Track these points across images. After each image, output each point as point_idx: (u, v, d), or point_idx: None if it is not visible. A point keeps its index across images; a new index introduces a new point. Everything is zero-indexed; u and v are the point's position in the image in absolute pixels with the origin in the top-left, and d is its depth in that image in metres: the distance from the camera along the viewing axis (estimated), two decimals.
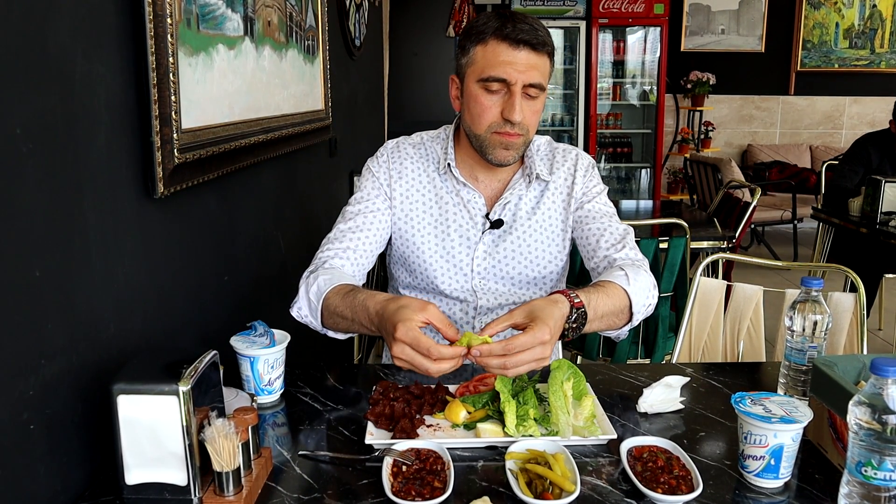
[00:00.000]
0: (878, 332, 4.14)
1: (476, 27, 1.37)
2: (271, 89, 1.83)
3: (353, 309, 1.23)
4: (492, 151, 1.40)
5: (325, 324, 1.32)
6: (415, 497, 0.93)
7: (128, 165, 1.13)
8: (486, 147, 1.40)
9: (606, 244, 1.44)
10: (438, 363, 1.05)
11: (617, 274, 1.33)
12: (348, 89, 3.24)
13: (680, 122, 6.99)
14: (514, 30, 1.32)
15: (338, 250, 1.42)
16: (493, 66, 1.33)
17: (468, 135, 1.43)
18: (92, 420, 1.01)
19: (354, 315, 1.23)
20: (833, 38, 6.88)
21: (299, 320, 1.35)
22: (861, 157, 3.64)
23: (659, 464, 1.01)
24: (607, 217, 1.49)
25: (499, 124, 1.37)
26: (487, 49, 1.34)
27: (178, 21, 1.23)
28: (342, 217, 1.48)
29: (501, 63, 1.33)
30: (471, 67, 1.38)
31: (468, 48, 1.38)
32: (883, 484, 0.85)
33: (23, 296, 0.87)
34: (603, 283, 1.31)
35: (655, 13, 6.34)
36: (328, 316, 1.30)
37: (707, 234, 3.14)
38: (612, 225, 1.47)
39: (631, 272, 1.33)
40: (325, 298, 1.28)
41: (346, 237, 1.44)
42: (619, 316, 1.31)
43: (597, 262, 1.45)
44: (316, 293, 1.30)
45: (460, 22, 5.74)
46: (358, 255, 1.43)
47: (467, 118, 1.42)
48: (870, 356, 1.06)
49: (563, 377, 1.15)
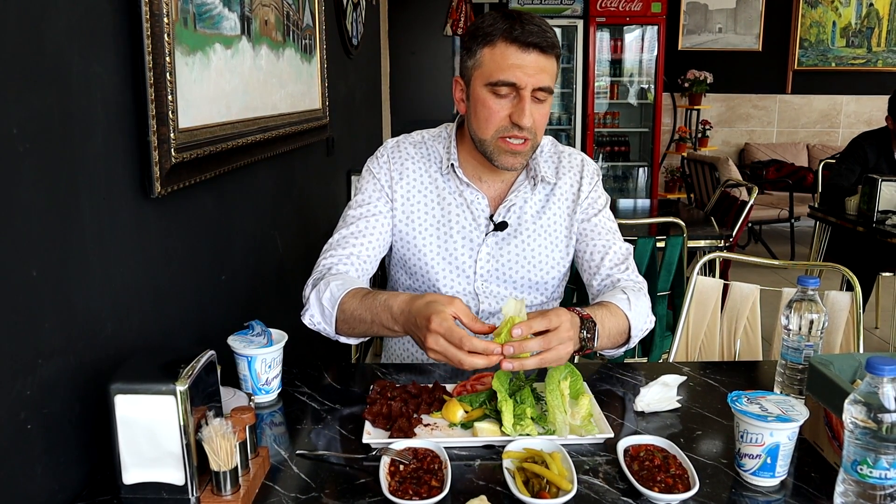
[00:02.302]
0: (875, 330, 4.15)
1: (482, 28, 1.33)
2: (268, 88, 1.83)
3: (374, 310, 1.23)
4: (498, 158, 1.38)
5: (338, 330, 1.31)
6: (412, 496, 0.94)
7: (125, 165, 1.13)
8: (493, 153, 1.37)
9: (610, 263, 1.47)
10: (472, 357, 1.07)
11: (619, 297, 1.36)
12: (346, 88, 3.23)
13: (677, 121, 6.99)
14: (523, 32, 1.28)
15: (341, 256, 1.40)
16: (501, 70, 1.30)
17: (474, 139, 1.40)
18: (89, 420, 1.01)
19: (375, 316, 1.23)
20: (830, 37, 6.89)
21: (311, 328, 1.34)
22: (858, 156, 3.65)
23: (656, 462, 1.01)
24: (612, 234, 1.51)
25: (506, 128, 1.34)
26: (496, 51, 1.30)
27: (175, 20, 1.22)
28: (343, 221, 1.46)
29: (511, 66, 1.29)
30: (478, 70, 1.34)
31: (474, 50, 1.34)
32: (878, 482, 0.85)
33: (20, 295, 0.87)
34: (607, 303, 1.34)
35: (653, 12, 6.35)
36: (343, 321, 1.29)
37: (704, 232, 3.15)
38: (615, 243, 1.49)
39: (633, 297, 1.37)
40: (341, 303, 1.28)
41: (348, 243, 1.42)
42: (621, 336, 1.35)
43: (600, 279, 1.47)
44: (330, 299, 1.29)
45: (458, 20, 5.73)
46: (362, 261, 1.42)
47: (473, 122, 1.38)
48: (866, 355, 1.06)
49: (560, 376, 1.15)
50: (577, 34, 6.40)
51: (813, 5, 6.85)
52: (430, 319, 1.09)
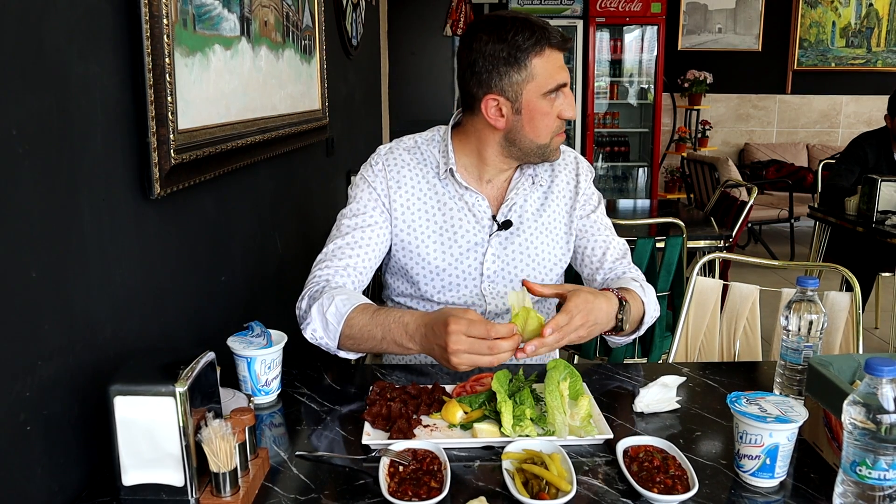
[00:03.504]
0: (875, 330, 4.15)
1: (516, 42, 1.33)
2: (268, 89, 1.83)
3: (387, 327, 1.23)
4: (553, 153, 1.45)
5: (341, 345, 1.30)
6: (411, 497, 0.94)
7: (124, 166, 1.13)
8: (549, 152, 1.44)
9: (612, 257, 1.52)
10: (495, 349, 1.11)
11: (633, 284, 1.41)
12: (345, 89, 3.24)
13: (677, 121, 6.99)
14: (552, 33, 1.35)
15: (337, 268, 1.38)
16: (553, 75, 1.36)
17: (524, 149, 1.42)
18: (89, 421, 1.01)
19: (387, 333, 1.23)
20: (829, 37, 6.89)
21: (313, 342, 1.33)
22: (858, 156, 3.65)
23: (655, 463, 1.01)
24: (609, 230, 1.56)
25: (560, 126, 1.42)
26: (546, 59, 1.35)
27: (175, 21, 1.22)
28: (338, 230, 1.44)
29: (559, 69, 1.37)
30: (532, 82, 1.35)
31: (523, 62, 1.34)
32: (877, 483, 0.85)
33: (19, 297, 0.87)
34: (626, 288, 1.38)
35: (652, 12, 6.35)
36: (349, 337, 1.27)
37: (704, 233, 3.15)
38: (615, 239, 1.55)
39: (644, 285, 1.45)
40: (348, 319, 1.26)
41: (344, 254, 1.40)
42: (636, 322, 1.39)
43: (603, 274, 1.51)
44: (335, 314, 1.27)
45: (457, 21, 5.74)
46: (358, 273, 1.40)
47: (530, 133, 1.39)
48: (865, 355, 1.06)
49: (559, 377, 1.15)
50: (577, 34, 6.40)
51: (812, 5, 6.85)
52: (447, 323, 1.11)
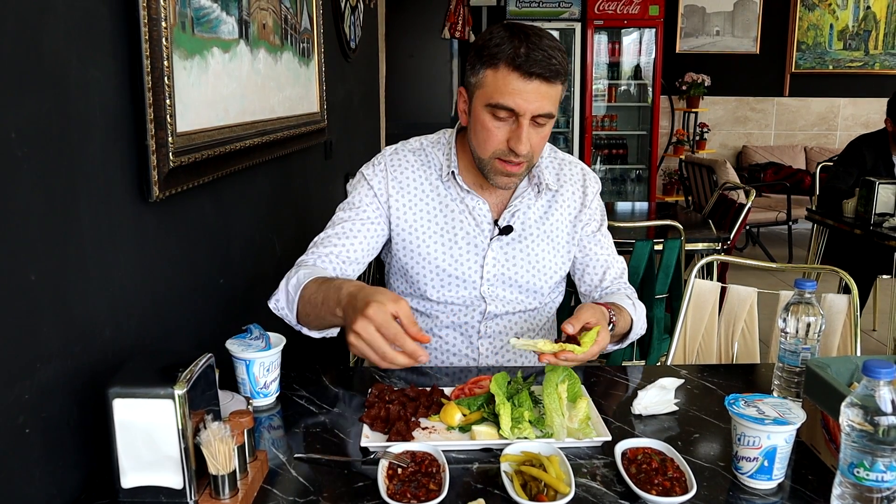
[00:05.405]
0: (872, 332, 4.16)
1: (488, 47, 1.29)
2: (266, 92, 1.84)
3: (327, 293, 1.19)
4: (493, 178, 1.39)
5: (299, 318, 1.31)
6: (410, 499, 0.94)
7: (123, 169, 1.13)
8: (489, 172, 1.39)
9: (611, 276, 1.56)
10: (388, 358, 1.04)
11: (626, 302, 1.46)
12: (344, 91, 3.24)
13: (675, 124, 7.01)
14: (526, 60, 1.25)
15: (321, 254, 1.41)
16: (501, 95, 1.28)
17: (473, 154, 1.41)
18: (87, 423, 1.01)
19: (326, 299, 1.19)
20: (827, 40, 6.91)
21: (275, 313, 1.35)
22: (855, 159, 3.65)
23: (653, 465, 1.01)
24: (611, 248, 1.59)
25: (504, 152, 1.33)
26: (498, 75, 1.28)
27: (173, 24, 1.23)
28: (331, 222, 1.48)
29: (511, 93, 1.27)
30: (480, 90, 1.32)
31: (478, 68, 1.31)
32: (875, 485, 0.86)
33: (18, 299, 0.87)
34: (617, 304, 1.42)
35: (650, 15, 6.36)
36: (301, 307, 1.27)
37: (702, 235, 3.15)
38: (615, 258, 1.58)
39: (637, 304, 1.50)
40: (303, 288, 1.26)
41: (330, 242, 1.43)
42: (619, 336, 1.44)
43: (601, 290, 1.55)
44: (294, 285, 1.29)
45: (456, 24, 5.74)
46: (341, 261, 1.42)
47: (473, 140, 1.38)
48: (863, 358, 1.06)
49: (557, 379, 1.15)
50: (575, 37, 6.42)
51: (810, 8, 6.87)
52: (368, 304, 1.04)
